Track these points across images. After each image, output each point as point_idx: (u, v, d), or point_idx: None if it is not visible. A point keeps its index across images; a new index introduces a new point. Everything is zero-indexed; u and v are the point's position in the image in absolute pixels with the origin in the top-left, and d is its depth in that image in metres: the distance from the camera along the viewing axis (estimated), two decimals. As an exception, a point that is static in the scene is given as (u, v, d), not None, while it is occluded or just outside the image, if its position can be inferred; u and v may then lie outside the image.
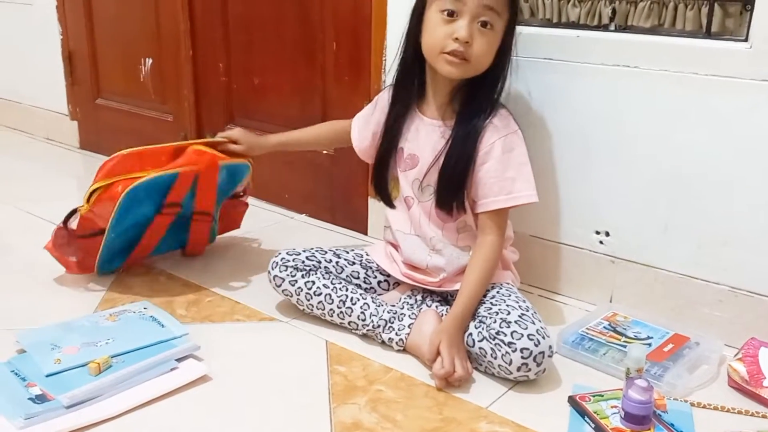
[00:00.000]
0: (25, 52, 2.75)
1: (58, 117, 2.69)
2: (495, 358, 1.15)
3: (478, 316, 1.21)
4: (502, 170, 1.24)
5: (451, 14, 1.20)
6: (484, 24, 1.20)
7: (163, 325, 1.30)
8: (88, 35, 2.48)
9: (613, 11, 1.39)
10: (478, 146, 1.25)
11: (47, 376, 1.13)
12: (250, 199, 2.11)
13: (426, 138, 1.30)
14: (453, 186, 1.26)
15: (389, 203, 1.39)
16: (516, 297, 1.24)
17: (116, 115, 2.49)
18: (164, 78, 2.29)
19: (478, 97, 1.26)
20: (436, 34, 1.21)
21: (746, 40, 1.21)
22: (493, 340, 1.15)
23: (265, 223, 1.92)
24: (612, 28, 1.40)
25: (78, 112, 2.64)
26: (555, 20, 1.47)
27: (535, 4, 1.49)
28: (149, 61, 2.31)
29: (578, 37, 1.39)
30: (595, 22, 1.41)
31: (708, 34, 1.28)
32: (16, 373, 1.14)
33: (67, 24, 2.54)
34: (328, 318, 1.33)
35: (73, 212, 1.49)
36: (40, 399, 1.08)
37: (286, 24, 1.91)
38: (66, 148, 2.68)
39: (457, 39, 1.19)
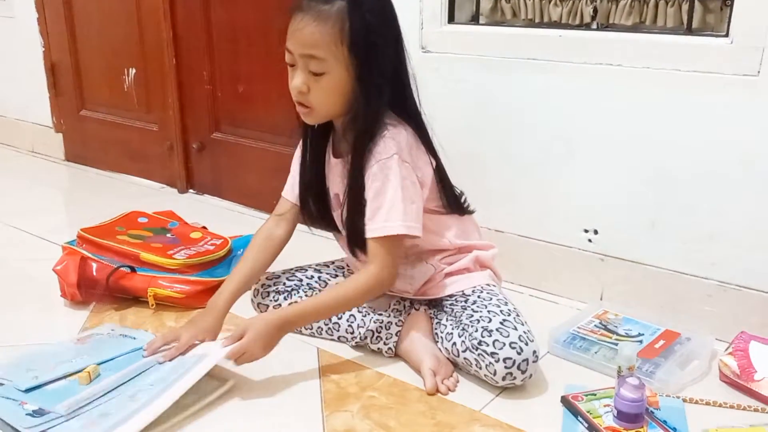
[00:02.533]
0: (7, 65, 2.73)
1: (43, 129, 2.68)
2: (480, 368, 1.15)
3: (461, 324, 1.20)
4: (371, 198, 1.18)
5: (292, 65, 1.16)
6: (313, 72, 1.13)
7: (134, 338, 1.30)
8: (70, 46, 2.46)
9: (595, 10, 1.40)
10: (364, 176, 1.19)
11: (25, 390, 1.12)
12: (238, 206, 2.12)
13: (338, 176, 1.27)
14: (354, 219, 1.21)
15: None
16: (498, 300, 1.22)
17: (101, 126, 2.48)
18: (148, 87, 2.28)
19: (360, 129, 1.18)
20: (290, 86, 1.18)
21: (727, 35, 1.21)
22: (476, 350, 1.14)
23: (253, 229, 1.91)
24: (594, 26, 1.40)
25: (62, 124, 2.62)
26: (537, 20, 1.47)
27: (517, 4, 1.49)
28: (133, 71, 2.30)
29: (560, 37, 1.39)
30: (577, 21, 1.42)
31: (689, 31, 1.29)
32: (6, 397, 1.13)
33: (49, 35, 2.52)
34: (317, 335, 1.33)
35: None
36: (38, 413, 1.07)
37: (270, 31, 1.90)
38: (52, 161, 2.66)
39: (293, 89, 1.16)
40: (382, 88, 1.16)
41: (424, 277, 1.30)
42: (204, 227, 1.73)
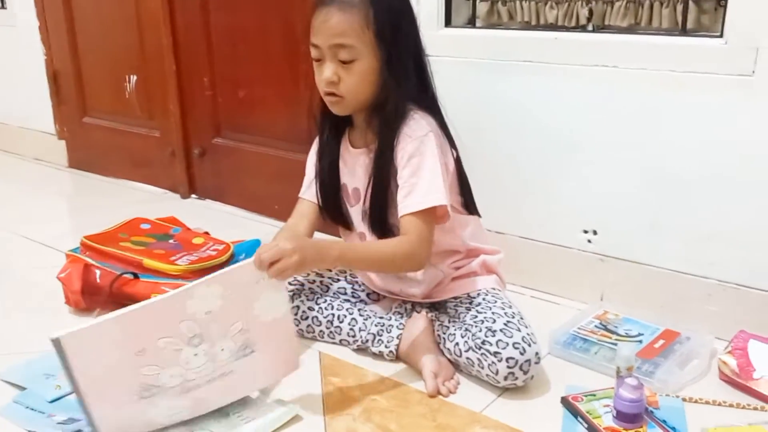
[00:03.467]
0: (10, 74, 2.76)
1: (46, 137, 2.70)
2: (482, 368, 1.16)
3: (465, 324, 1.21)
4: (408, 175, 1.19)
5: (318, 60, 1.19)
6: (343, 61, 1.17)
7: None
8: (72, 54, 2.48)
9: (590, 12, 1.40)
10: (395, 158, 1.21)
11: (51, 401, 1.15)
12: (240, 211, 2.13)
13: (360, 168, 1.28)
14: (379, 206, 1.24)
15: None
16: (502, 303, 1.24)
17: (103, 133, 2.49)
18: (149, 94, 2.29)
19: (387, 115, 1.21)
20: (317, 80, 1.21)
21: (721, 36, 1.22)
22: (479, 349, 1.16)
23: (255, 234, 1.92)
24: (590, 28, 1.41)
25: (65, 132, 2.64)
26: (533, 23, 1.48)
27: (514, 7, 1.50)
28: (134, 78, 2.32)
29: (556, 39, 1.40)
30: (573, 23, 1.43)
31: (684, 32, 1.29)
32: (32, 409, 1.15)
33: (50, 44, 2.54)
34: (319, 339, 1.35)
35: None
36: (70, 422, 1.10)
37: (270, 36, 1.92)
38: (55, 168, 2.68)
39: (324, 81, 1.19)
40: (409, 69, 1.21)
41: (433, 282, 1.32)
42: (206, 232, 1.74)
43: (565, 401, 1.13)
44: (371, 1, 1.15)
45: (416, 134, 1.19)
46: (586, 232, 1.46)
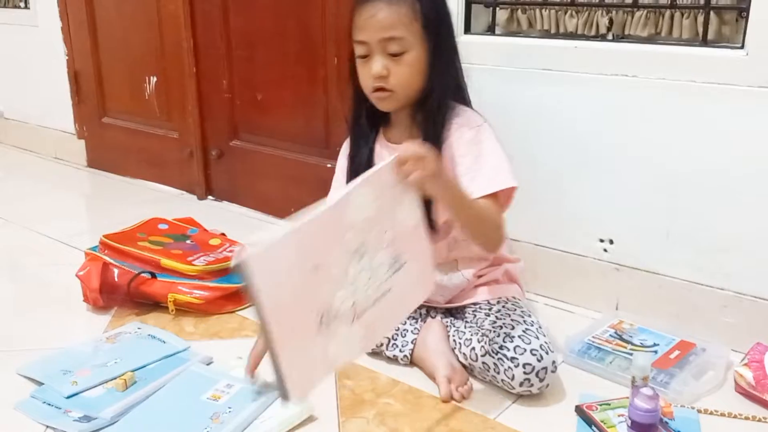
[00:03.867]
0: (32, 73, 2.79)
1: (66, 136, 2.73)
2: (498, 373, 1.16)
3: (482, 330, 1.22)
4: (471, 162, 1.20)
5: (365, 56, 1.20)
6: (393, 54, 1.18)
7: (164, 341, 1.34)
8: (93, 55, 2.51)
9: (610, 21, 1.41)
10: (450, 151, 1.22)
11: (67, 397, 1.17)
12: (255, 213, 2.14)
13: None
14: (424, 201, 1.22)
15: None
16: (521, 311, 1.25)
17: (122, 133, 2.52)
18: (169, 95, 2.32)
19: (433, 109, 1.22)
20: (362, 77, 1.22)
21: (742, 47, 1.22)
22: (496, 354, 1.16)
23: (271, 237, 1.94)
24: (609, 37, 1.41)
25: (85, 131, 2.67)
26: (553, 31, 1.48)
27: (533, 15, 1.50)
28: (153, 79, 2.34)
29: (576, 48, 1.40)
30: (593, 32, 1.43)
31: (704, 42, 1.29)
32: (49, 404, 1.16)
33: (72, 44, 2.58)
34: None
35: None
36: (85, 419, 1.11)
37: (288, 39, 1.93)
38: (74, 167, 2.71)
39: (374, 76, 1.19)
40: (451, 62, 1.24)
41: (458, 288, 1.33)
42: (223, 234, 1.76)
43: (579, 410, 1.13)
44: None
45: (472, 124, 1.22)
46: (602, 241, 1.45)
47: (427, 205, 1.18)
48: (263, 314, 0.83)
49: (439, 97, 1.21)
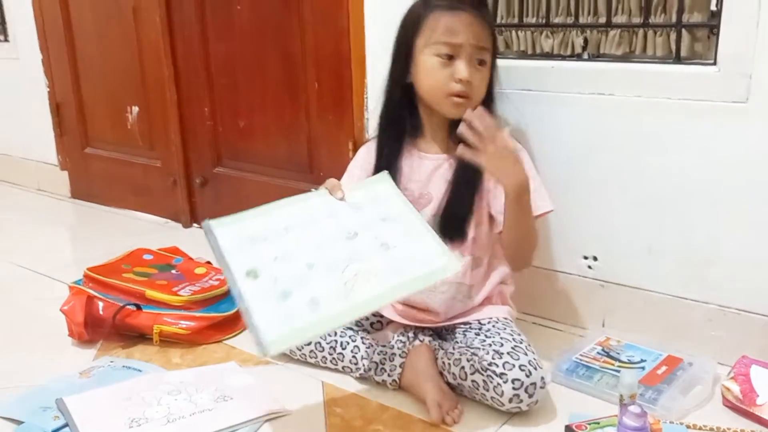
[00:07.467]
0: (13, 106, 2.78)
1: (49, 167, 2.71)
2: (487, 390, 1.16)
3: (471, 348, 1.22)
4: None
5: (450, 57, 1.23)
6: (479, 62, 1.25)
7: (140, 370, 1.34)
8: (74, 86, 2.51)
9: (585, 41, 1.42)
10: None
11: None
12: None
13: (434, 174, 1.31)
14: (455, 212, 1.28)
15: None
16: (511, 330, 1.26)
17: (105, 164, 2.51)
18: (151, 124, 2.32)
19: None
20: (437, 77, 1.24)
21: (715, 63, 1.23)
22: (485, 371, 1.16)
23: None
24: (585, 57, 1.43)
25: (68, 162, 2.66)
26: (530, 52, 1.50)
27: (510, 36, 1.52)
28: (135, 109, 2.34)
29: (553, 68, 1.42)
30: (569, 52, 1.44)
31: (678, 60, 1.31)
32: None
33: (53, 76, 2.57)
34: (321, 364, 1.35)
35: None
36: None
37: (268, 65, 1.94)
38: (57, 198, 2.69)
39: (460, 80, 1.22)
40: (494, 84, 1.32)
41: (459, 310, 1.34)
42: (208, 262, 1.75)
43: (569, 429, 1.12)
44: (488, 10, 1.33)
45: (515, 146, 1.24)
46: (586, 258, 1.46)
47: (463, 217, 1.26)
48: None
49: (489, 109, 1.26)
